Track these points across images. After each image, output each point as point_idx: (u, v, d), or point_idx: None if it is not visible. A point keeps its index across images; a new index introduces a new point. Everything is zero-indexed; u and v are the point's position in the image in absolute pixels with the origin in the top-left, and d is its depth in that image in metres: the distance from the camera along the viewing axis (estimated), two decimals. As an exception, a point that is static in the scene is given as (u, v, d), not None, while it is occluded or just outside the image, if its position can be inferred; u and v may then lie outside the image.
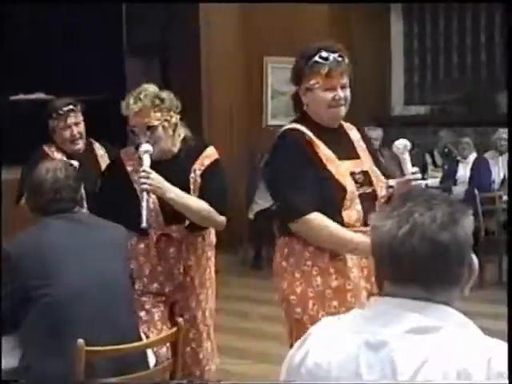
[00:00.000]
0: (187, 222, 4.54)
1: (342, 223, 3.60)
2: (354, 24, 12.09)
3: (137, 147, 4.26)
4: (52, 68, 11.49)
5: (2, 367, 3.69)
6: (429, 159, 11.41)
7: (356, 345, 2.02)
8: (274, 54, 10.62)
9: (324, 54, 3.63)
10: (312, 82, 3.65)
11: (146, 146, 4.16)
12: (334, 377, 2.04)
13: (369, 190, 3.72)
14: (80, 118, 5.29)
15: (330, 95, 3.64)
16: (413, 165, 3.81)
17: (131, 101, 4.29)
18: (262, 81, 11.03)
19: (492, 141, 10.95)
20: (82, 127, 5.28)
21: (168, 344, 4.05)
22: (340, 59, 3.66)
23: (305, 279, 3.87)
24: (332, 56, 3.63)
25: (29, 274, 3.60)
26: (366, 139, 4.05)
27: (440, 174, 10.75)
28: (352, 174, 3.70)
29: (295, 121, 3.84)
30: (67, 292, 3.57)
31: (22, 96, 11.18)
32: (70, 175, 3.85)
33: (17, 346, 3.69)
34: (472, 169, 9.85)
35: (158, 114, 4.26)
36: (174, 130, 4.36)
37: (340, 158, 3.71)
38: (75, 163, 4.74)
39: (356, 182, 3.69)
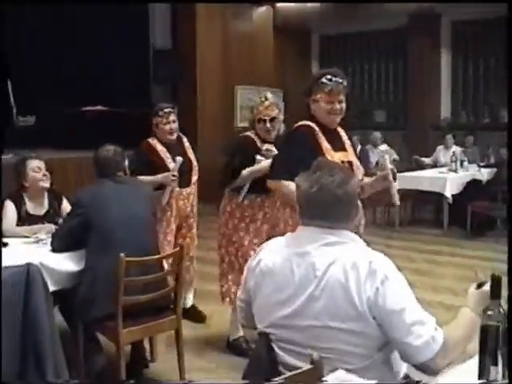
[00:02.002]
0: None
1: None
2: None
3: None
4: (102, 90, 12.73)
5: (75, 270, 4.42)
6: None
7: (289, 254, 2.57)
8: (240, 83, 13.51)
9: (328, 77, 4.17)
10: (318, 96, 4.20)
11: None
12: (276, 271, 2.58)
13: None
14: (175, 117, 5.96)
15: (329, 106, 4.19)
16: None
17: (263, 99, 5.21)
18: (234, 99, 13.59)
19: (370, 138, 12.25)
20: (176, 124, 5.95)
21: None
22: (339, 82, 4.19)
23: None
24: (334, 79, 4.17)
25: (90, 211, 4.36)
26: (351, 139, 4.51)
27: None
28: (342, 162, 4.08)
29: (306, 119, 4.30)
30: (113, 222, 4.34)
31: (88, 107, 12.60)
32: (118, 154, 4.67)
33: (82, 256, 4.42)
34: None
35: (277, 111, 5.22)
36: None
37: (334, 150, 4.18)
38: (180, 159, 5.71)
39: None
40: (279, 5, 14.46)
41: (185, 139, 6.14)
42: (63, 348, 4.19)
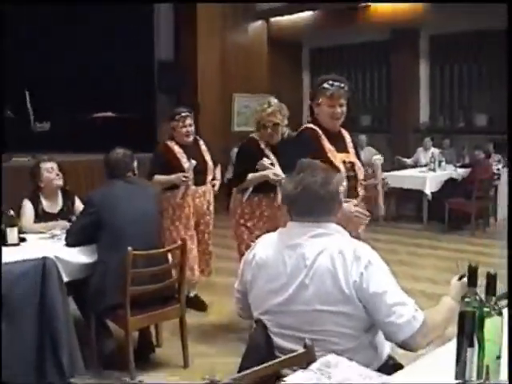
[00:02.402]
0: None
1: None
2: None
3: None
4: (112, 98, 12.80)
5: (87, 262, 4.45)
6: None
7: (281, 247, 2.60)
8: (237, 91, 13.41)
9: (330, 82, 4.04)
10: (320, 100, 4.08)
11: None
12: (270, 263, 2.60)
13: (352, 174, 4.08)
14: (192, 120, 5.89)
15: (330, 110, 4.06)
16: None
17: (266, 106, 5.15)
18: (231, 106, 13.51)
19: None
20: (193, 127, 5.88)
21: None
22: (341, 87, 4.05)
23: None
24: (335, 84, 4.03)
25: (102, 210, 4.37)
26: (353, 141, 4.36)
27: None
28: (344, 162, 4.05)
29: (310, 122, 4.20)
30: (123, 220, 4.36)
31: (99, 114, 12.66)
32: (128, 156, 4.65)
33: (93, 250, 4.45)
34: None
35: (280, 117, 5.12)
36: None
37: (337, 151, 4.06)
38: (193, 162, 5.63)
39: (345, 168, 4.03)
40: (273, 19, 14.50)
41: (201, 142, 6.12)
42: (77, 334, 4.22)
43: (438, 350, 2.38)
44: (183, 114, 5.83)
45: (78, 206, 5.27)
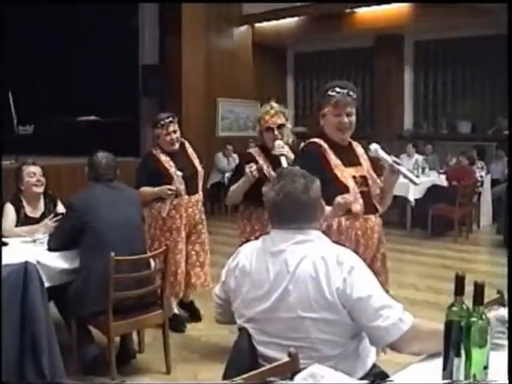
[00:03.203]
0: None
1: (350, 212, 3.50)
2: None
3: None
4: (95, 101, 12.77)
5: (68, 267, 4.40)
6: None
7: (264, 254, 2.58)
8: (221, 95, 13.50)
9: (336, 89, 3.62)
10: (326, 109, 3.66)
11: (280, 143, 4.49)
12: (253, 271, 2.58)
13: (365, 189, 3.64)
14: (176, 127, 5.49)
15: (337, 120, 3.62)
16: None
17: (268, 108, 4.78)
18: (216, 111, 13.58)
19: None
20: (178, 134, 5.48)
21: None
22: (347, 94, 3.62)
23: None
24: (341, 91, 3.60)
25: (84, 215, 4.32)
26: (367, 153, 3.86)
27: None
28: (354, 177, 3.61)
29: (317, 135, 3.76)
30: (105, 225, 4.31)
31: (83, 117, 12.63)
32: (111, 161, 4.61)
33: (75, 255, 4.40)
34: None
35: (284, 118, 4.74)
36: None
37: (345, 165, 3.62)
38: (179, 173, 5.34)
39: (356, 183, 3.60)
40: (258, 24, 14.53)
41: (187, 145, 5.77)
42: (58, 339, 4.19)
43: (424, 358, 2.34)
44: (166, 121, 5.47)
45: (60, 209, 5.24)
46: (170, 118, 5.51)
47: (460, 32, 12.89)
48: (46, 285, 4.19)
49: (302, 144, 4.05)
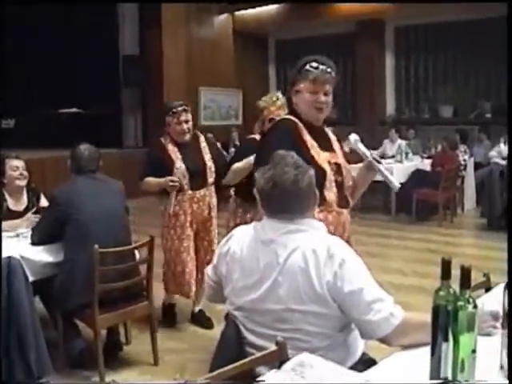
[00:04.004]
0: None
1: (324, 201, 3.18)
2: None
3: None
4: (76, 93, 12.75)
5: (52, 261, 4.37)
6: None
7: (255, 242, 2.56)
8: (203, 84, 13.56)
9: (314, 64, 3.35)
10: (301, 85, 3.35)
11: None
12: (244, 258, 2.56)
13: (339, 178, 3.38)
14: (189, 116, 5.17)
15: (313, 98, 3.32)
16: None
17: (275, 99, 4.60)
18: (197, 100, 13.60)
19: None
20: (190, 124, 5.16)
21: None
22: (327, 70, 3.35)
23: None
24: (320, 67, 3.33)
25: (66, 207, 4.28)
26: (339, 140, 3.62)
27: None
28: (329, 162, 3.33)
29: (289, 113, 3.50)
30: (88, 217, 4.27)
31: (64, 109, 12.55)
32: (93, 152, 4.57)
33: (59, 249, 4.37)
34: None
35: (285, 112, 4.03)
36: None
37: (321, 149, 3.34)
38: (181, 166, 5.02)
39: (331, 169, 3.33)
40: (238, 12, 14.50)
41: (202, 138, 5.38)
42: (44, 334, 4.16)
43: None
44: (179, 109, 5.13)
45: (43, 203, 5.18)
46: (184, 107, 5.19)
47: (441, 17, 12.91)
48: (31, 279, 4.15)
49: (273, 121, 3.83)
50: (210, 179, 5.26)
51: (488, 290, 3.04)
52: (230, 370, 2.12)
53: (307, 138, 3.33)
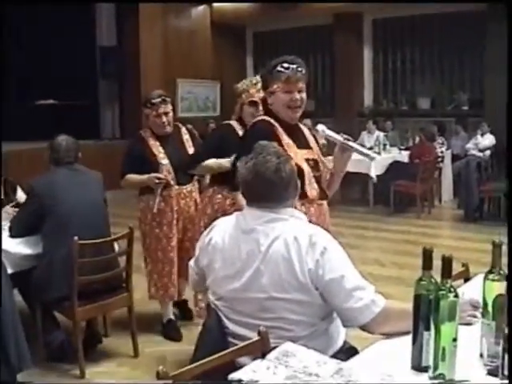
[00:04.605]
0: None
1: (306, 197, 3.33)
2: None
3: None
4: (53, 85, 12.65)
5: (31, 253, 4.35)
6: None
7: (237, 232, 2.56)
8: (181, 76, 13.55)
9: (285, 64, 3.39)
10: (274, 86, 3.42)
11: None
12: (225, 248, 2.57)
13: (317, 174, 3.48)
14: (169, 108, 4.91)
15: (288, 97, 3.40)
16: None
17: (254, 81, 4.37)
18: (175, 91, 13.51)
19: None
20: (170, 116, 4.90)
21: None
22: (298, 69, 3.40)
23: None
24: (291, 66, 3.39)
25: (45, 199, 4.27)
26: (314, 135, 3.70)
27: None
28: (307, 160, 3.44)
29: (264, 114, 3.57)
30: (67, 209, 4.26)
31: (41, 101, 12.46)
32: (71, 143, 4.52)
33: (37, 241, 4.35)
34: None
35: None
36: None
37: (298, 147, 3.44)
38: (165, 162, 4.78)
39: (310, 166, 3.43)
40: (216, 4, 14.47)
41: (184, 130, 5.13)
42: (23, 326, 4.07)
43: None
44: (156, 100, 4.85)
45: (20, 196, 5.13)
46: (162, 98, 4.90)
47: (418, 10, 12.95)
48: (9, 271, 4.12)
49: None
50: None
51: (467, 280, 3.05)
52: (211, 361, 2.12)
53: (284, 137, 3.41)
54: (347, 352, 2.55)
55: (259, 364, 2.08)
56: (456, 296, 1.96)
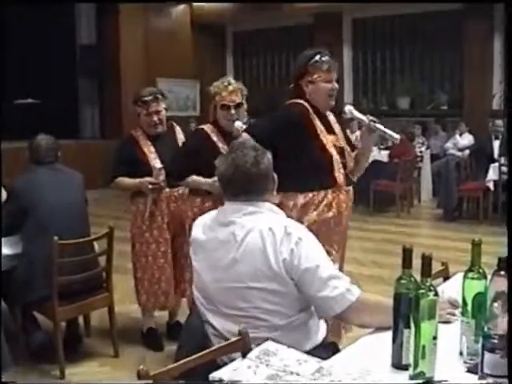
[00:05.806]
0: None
1: (335, 182, 3.57)
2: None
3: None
4: (32, 84, 12.55)
5: (10, 253, 4.26)
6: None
7: (216, 225, 2.61)
8: (161, 75, 13.46)
9: (322, 55, 3.63)
10: (315, 76, 3.60)
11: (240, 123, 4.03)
12: (206, 242, 2.61)
13: (344, 160, 3.68)
14: (161, 106, 4.69)
15: (329, 86, 3.62)
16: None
17: (226, 84, 4.22)
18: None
19: None
20: (162, 115, 4.70)
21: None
22: (333, 60, 3.67)
23: None
24: (327, 57, 3.64)
25: (25, 198, 4.25)
26: (340, 122, 3.88)
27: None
28: (334, 146, 3.63)
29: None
30: (48, 208, 4.24)
31: (20, 101, 12.38)
32: (51, 143, 4.49)
33: (17, 241, 4.33)
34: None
35: (241, 97, 4.20)
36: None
37: (327, 133, 3.64)
38: (159, 165, 4.49)
39: (337, 153, 3.62)
40: (196, 3, 14.46)
41: (178, 129, 4.93)
42: (3, 327, 4.05)
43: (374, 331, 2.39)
44: (148, 98, 4.63)
45: (4, 196, 5.04)
46: (154, 95, 4.67)
47: (398, 9, 13.01)
48: (-12, 272, 4.06)
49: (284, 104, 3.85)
50: None
51: (446, 278, 3.07)
52: (192, 361, 2.13)
53: (317, 122, 3.64)
54: (327, 347, 2.58)
55: (240, 363, 2.08)
56: (436, 294, 1.97)
